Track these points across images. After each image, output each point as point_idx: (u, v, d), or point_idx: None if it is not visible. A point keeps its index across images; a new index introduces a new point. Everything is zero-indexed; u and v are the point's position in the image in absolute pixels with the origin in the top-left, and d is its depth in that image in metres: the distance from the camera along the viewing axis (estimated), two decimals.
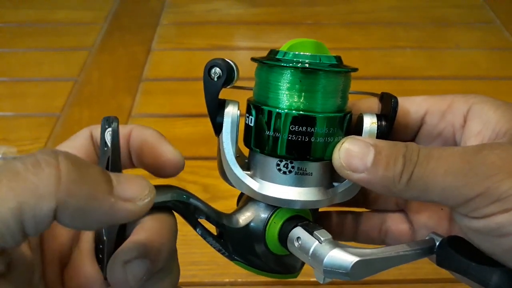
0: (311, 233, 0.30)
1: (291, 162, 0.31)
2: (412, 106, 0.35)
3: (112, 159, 0.27)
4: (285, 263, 0.34)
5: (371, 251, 0.30)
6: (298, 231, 0.31)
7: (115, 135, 0.27)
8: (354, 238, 0.38)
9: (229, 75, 0.31)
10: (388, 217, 0.37)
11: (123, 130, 0.30)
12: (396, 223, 0.37)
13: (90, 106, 0.80)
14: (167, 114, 0.77)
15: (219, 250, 0.33)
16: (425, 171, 0.28)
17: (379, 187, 0.30)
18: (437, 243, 0.31)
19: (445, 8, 1.06)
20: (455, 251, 0.30)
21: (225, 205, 0.34)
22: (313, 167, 0.32)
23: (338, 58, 0.32)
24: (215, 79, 0.31)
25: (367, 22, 1.02)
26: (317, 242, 0.30)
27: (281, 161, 0.31)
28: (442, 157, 0.29)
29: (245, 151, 0.34)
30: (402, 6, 1.06)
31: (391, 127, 0.32)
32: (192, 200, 0.31)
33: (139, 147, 0.31)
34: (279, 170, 0.32)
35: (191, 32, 0.99)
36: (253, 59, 0.32)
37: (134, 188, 0.24)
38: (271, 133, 0.31)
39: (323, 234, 0.30)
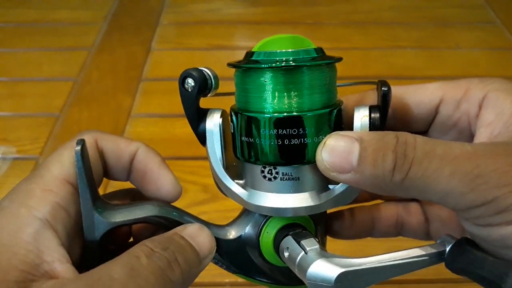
0: (299, 243, 0.29)
1: (274, 168, 0.29)
2: (425, 95, 0.32)
3: (84, 179, 0.28)
4: (292, 274, 0.32)
5: (361, 261, 0.27)
6: (288, 241, 0.30)
7: (79, 159, 0.28)
8: (370, 234, 0.36)
9: (202, 85, 0.30)
10: (403, 208, 0.35)
11: (129, 147, 0.32)
12: (411, 215, 0.35)
13: (89, 106, 0.80)
14: (167, 114, 0.77)
15: (216, 263, 0.33)
16: (426, 171, 0.26)
17: (370, 187, 0.27)
18: (448, 248, 0.28)
19: (445, 8, 1.06)
20: (469, 246, 0.27)
21: (225, 205, 0.34)
22: (298, 171, 0.29)
23: (319, 50, 0.30)
24: (189, 90, 0.30)
25: (367, 22, 1.01)
26: (302, 252, 0.28)
27: (264, 167, 0.30)
28: (448, 156, 0.26)
29: None
30: (402, 6, 1.06)
31: (385, 118, 0.30)
32: (186, 218, 0.31)
33: (142, 171, 0.32)
34: (264, 177, 0.30)
35: (191, 32, 0.99)
36: (228, 65, 0.30)
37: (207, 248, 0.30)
38: (249, 139, 0.29)
39: (309, 243, 0.29)
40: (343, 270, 0.26)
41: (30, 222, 0.26)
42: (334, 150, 0.27)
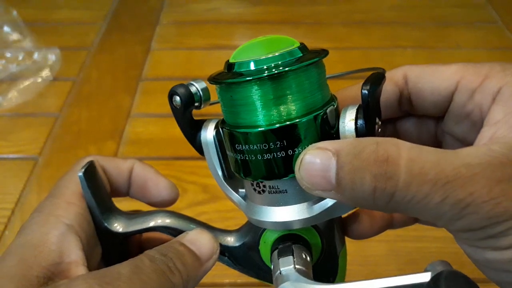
0: (278, 260, 0.28)
1: (261, 181, 0.28)
2: (441, 80, 0.30)
3: (89, 195, 0.31)
4: None
5: None
6: (274, 255, 0.30)
7: (82, 180, 0.31)
8: (390, 227, 0.35)
9: (188, 100, 0.29)
10: None
11: (126, 163, 0.35)
12: None
13: (89, 106, 0.80)
14: (166, 114, 0.77)
15: (228, 265, 0.33)
16: (415, 197, 0.23)
17: (358, 206, 0.26)
18: (427, 281, 0.24)
19: (446, 7, 1.06)
20: (445, 284, 0.23)
21: (225, 205, 0.34)
22: (285, 184, 0.28)
23: (303, 48, 0.27)
24: (177, 106, 0.30)
25: (367, 21, 1.01)
26: (278, 271, 0.28)
27: (253, 180, 0.29)
28: (440, 181, 0.23)
29: None
30: (402, 6, 1.06)
31: (373, 121, 0.26)
32: (191, 225, 0.32)
33: (142, 182, 0.35)
34: (254, 190, 0.29)
35: (191, 31, 0.99)
36: (209, 81, 0.29)
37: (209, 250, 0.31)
38: (232, 154, 0.29)
39: (285, 262, 0.28)
40: None
41: (57, 226, 0.29)
42: (311, 168, 0.24)
